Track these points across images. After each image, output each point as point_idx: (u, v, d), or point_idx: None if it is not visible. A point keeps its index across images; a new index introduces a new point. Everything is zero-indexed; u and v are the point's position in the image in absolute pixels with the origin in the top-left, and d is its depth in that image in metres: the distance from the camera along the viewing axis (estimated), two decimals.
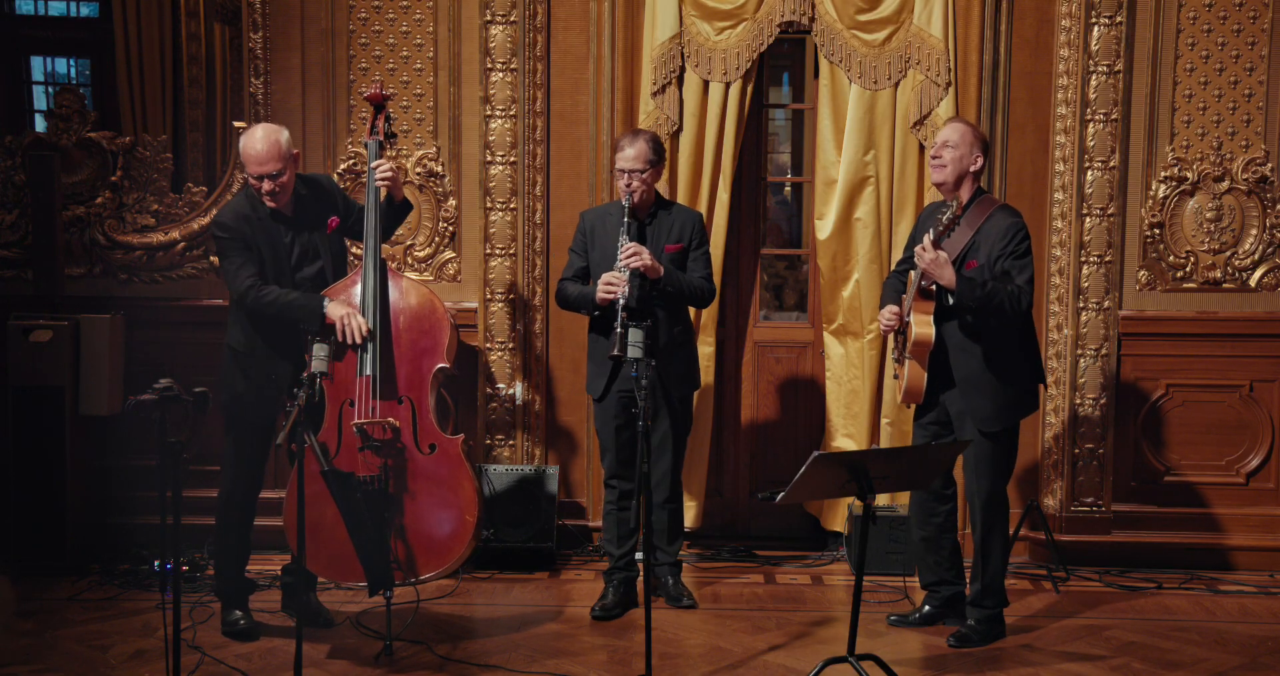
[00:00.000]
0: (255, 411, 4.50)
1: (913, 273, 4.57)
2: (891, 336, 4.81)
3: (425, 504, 4.49)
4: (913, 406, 4.74)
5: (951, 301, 4.44)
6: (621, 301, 4.59)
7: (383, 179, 4.56)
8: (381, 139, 4.66)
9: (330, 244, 4.59)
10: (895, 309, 4.66)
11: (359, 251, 4.85)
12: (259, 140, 4.39)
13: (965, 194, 4.58)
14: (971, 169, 4.55)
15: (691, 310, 5.26)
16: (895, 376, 4.78)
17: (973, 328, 4.48)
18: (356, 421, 4.42)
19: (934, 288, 4.47)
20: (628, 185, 4.73)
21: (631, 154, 4.74)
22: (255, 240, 4.44)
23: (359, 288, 4.51)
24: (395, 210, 4.69)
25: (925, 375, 4.56)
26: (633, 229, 4.71)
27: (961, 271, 4.43)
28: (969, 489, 4.64)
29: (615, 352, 4.46)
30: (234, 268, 4.43)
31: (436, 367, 4.57)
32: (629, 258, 4.63)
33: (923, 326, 4.49)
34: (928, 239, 4.39)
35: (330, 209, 4.59)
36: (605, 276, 4.67)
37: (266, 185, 4.40)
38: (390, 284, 4.56)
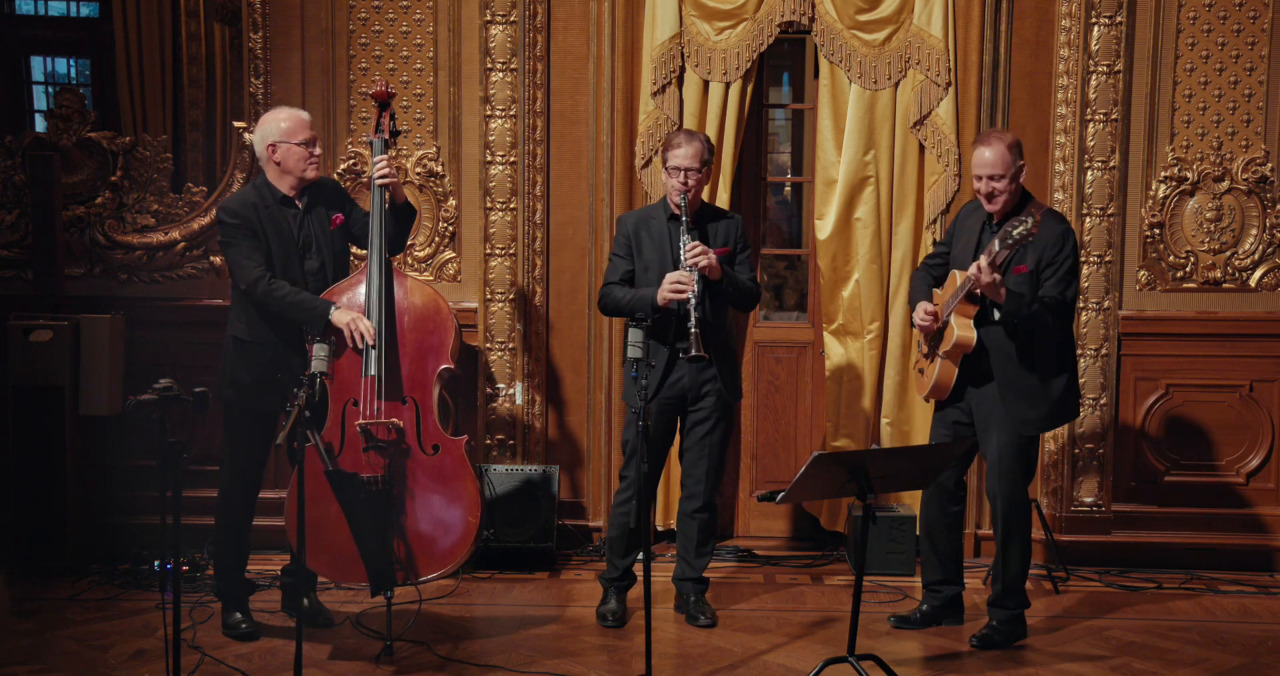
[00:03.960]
0: (260, 405, 4.48)
1: (956, 273, 4.53)
2: (919, 333, 4.76)
3: (428, 504, 4.48)
4: (932, 400, 4.73)
5: (998, 318, 4.40)
6: (694, 301, 4.50)
7: (381, 179, 4.53)
8: (387, 136, 4.65)
9: (332, 241, 4.59)
10: (931, 308, 4.59)
11: (360, 251, 4.84)
12: (292, 109, 4.57)
13: (1013, 202, 4.52)
14: (1020, 181, 4.49)
15: None
16: (921, 371, 4.73)
17: (1016, 338, 4.46)
18: (361, 421, 4.41)
19: (979, 292, 4.44)
20: (684, 182, 4.61)
21: (690, 152, 4.63)
22: (262, 228, 4.44)
23: (363, 288, 4.50)
24: (399, 212, 4.62)
25: (955, 375, 4.54)
26: (692, 230, 4.61)
27: (1009, 277, 4.40)
28: (991, 490, 4.62)
29: (695, 353, 4.43)
30: (241, 256, 4.42)
31: (441, 368, 4.56)
32: (695, 256, 4.52)
33: (965, 329, 4.45)
34: (985, 260, 4.29)
35: (336, 207, 4.60)
36: (673, 276, 4.54)
37: (318, 150, 4.50)
38: (395, 283, 4.55)
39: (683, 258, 4.55)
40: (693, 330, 4.47)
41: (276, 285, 4.40)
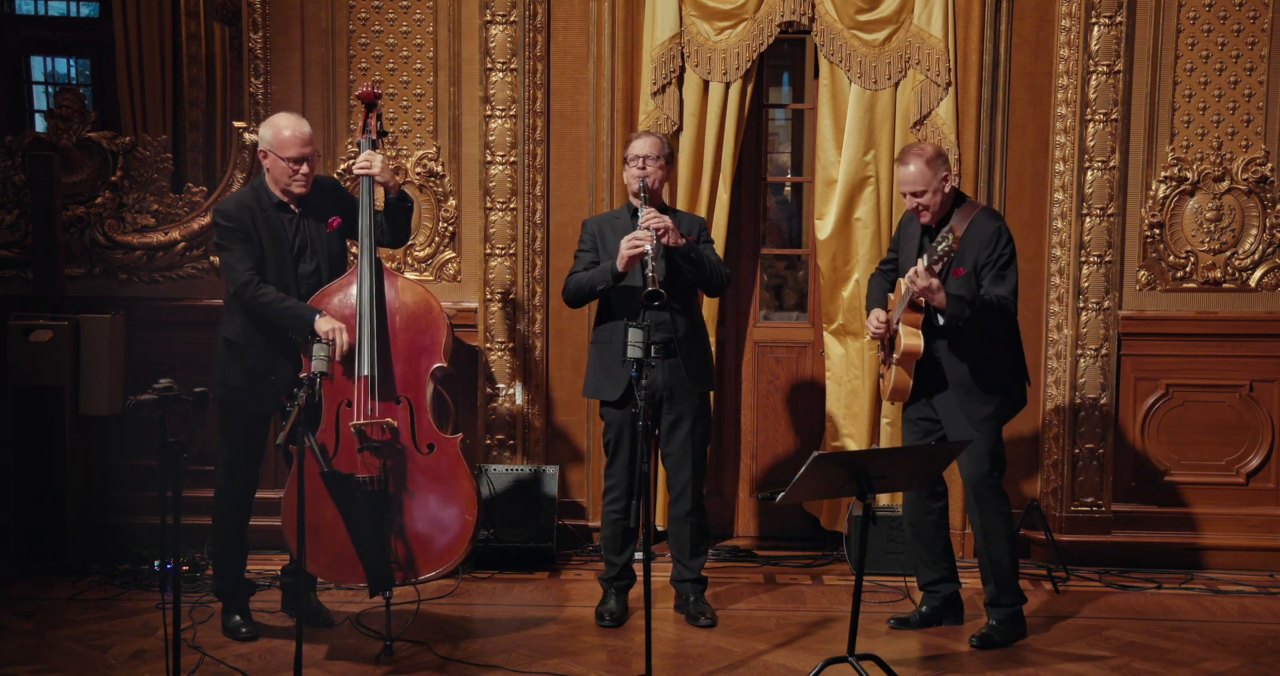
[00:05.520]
0: (252, 405, 4.49)
1: (901, 282, 4.56)
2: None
3: (425, 504, 4.48)
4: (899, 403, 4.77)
5: (941, 322, 4.44)
6: (651, 251, 4.50)
7: (361, 168, 4.50)
8: (374, 137, 4.63)
9: (329, 243, 4.59)
10: (884, 315, 4.64)
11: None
12: (297, 121, 4.47)
13: (944, 209, 4.58)
14: (946, 190, 4.55)
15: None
16: (881, 376, 4.80)
17: (962, 340, 4.50)
18: (355, 422, 4.41)
19: (923, 302, 4.47)
20: (642, 168, 4.67)
21: (646, 142, 4.71)
22: (257, 232, 4.43)
23: (355, 288, 4.50)
24: (395, 206, 4.61)
25: (911, 380, 4.59)
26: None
27: (948, 281, 4.42)
28: (966, 490, 4.63)
29: (652, 288, 4.40)
30: (233, 260, 4.41)
31: (434, 367, 4.54)
32: (649, 219, 4.54)
33: (911, 337, 4.50)
34: (922, 265, 4.32)
35: (334, 209, 4.58)
36: (629, 235, 4.58)
37: (305, 168, 4.44)
38: (386, 283, 4.54)
39: (639, 224, 4.57)
40: (650, 274, 4.46)
41: (264, 290, 4.38)
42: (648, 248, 4.51)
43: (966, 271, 4.46)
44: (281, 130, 4.42)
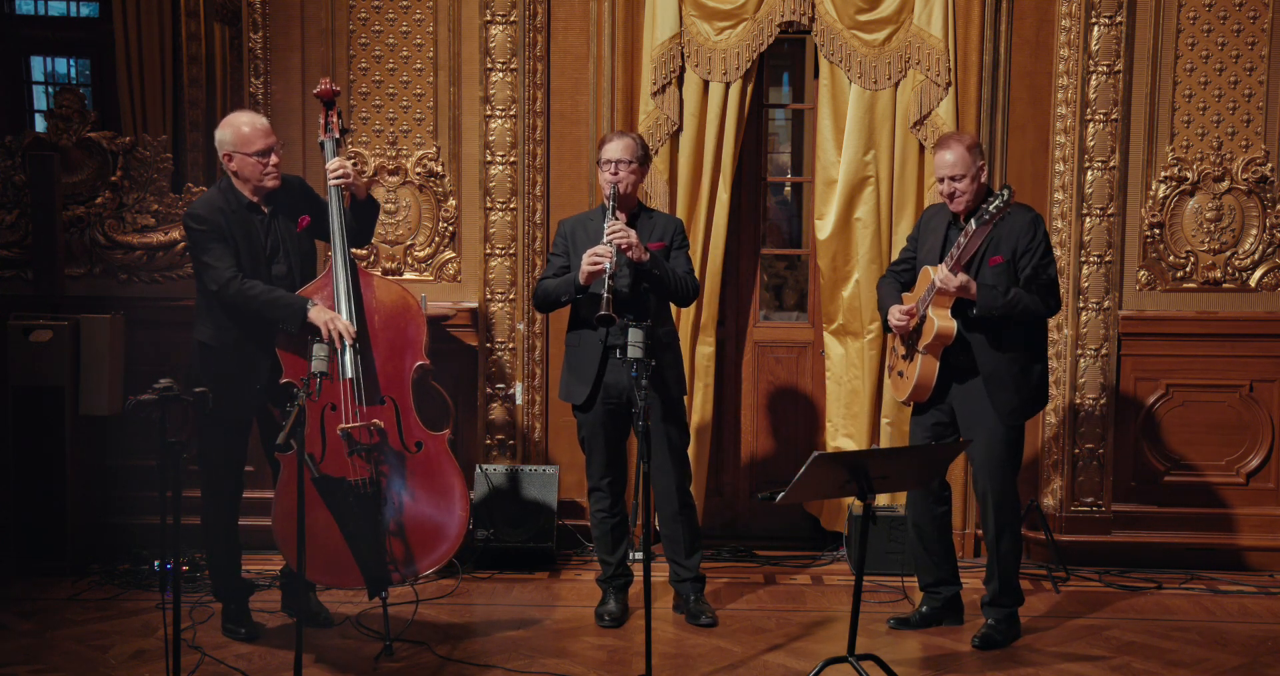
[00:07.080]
0: (229, 408, 4.43)
1: (929, 269, 4.53)
2: (892, 338, 4.79)
3: (417, 501, 4.46)
4: (912, 404, 4.73)
5: (975, 313, 4.43)
6: (610, 268, 4.49)
7: (336, 180, 4.49)
8: (337, 136, 4.61)
9: (300, 243, 4.56)
10: (906, 308, 4.60)
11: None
12: (253, 116, 4.48)
13: (977, 201, 4.55)
14: (982, 180, 4.55)
15: (676, 313, 5.23)
16: (900, 374, 4.74)
17: (998, 329, 4.48)
18: (342, 426, 4.38)
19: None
20: (614, 173, 4.65)
21: (619, 145, 4.68)
22: (231, 232, 4.40)
23: (332, 289, 4.45)
24: (362, 207, 4.61)
25: (937, 370, 4.55)
26: (619, 218, 4.62)
27: (984, 270, 4.44)
28: (980, 488, 4.62)
29: (604, 312, 4.41)
30: (212, 259, 4.37)
31: (416, 365, 4.52)
32: (613, 234, 4.53)
33: (944, 319, 4.46)
34: (944, 270, 4.34)
35: (302, 208, 4.55)
36: (590, 250, 4.57)
37: (274, 159, 4.42)
38: (362, 283, 4.50)
39: (604, 237, 4.56)
40: (605, 295, 4.45)
41: (249, 285, 4.36)
42: (607, 265, 4.51)
43: (1005, 259, 4.46)
44: (241, 127, 4.41)
